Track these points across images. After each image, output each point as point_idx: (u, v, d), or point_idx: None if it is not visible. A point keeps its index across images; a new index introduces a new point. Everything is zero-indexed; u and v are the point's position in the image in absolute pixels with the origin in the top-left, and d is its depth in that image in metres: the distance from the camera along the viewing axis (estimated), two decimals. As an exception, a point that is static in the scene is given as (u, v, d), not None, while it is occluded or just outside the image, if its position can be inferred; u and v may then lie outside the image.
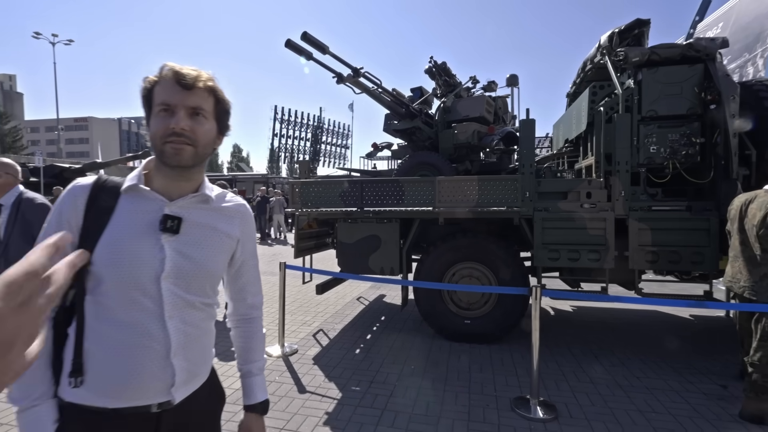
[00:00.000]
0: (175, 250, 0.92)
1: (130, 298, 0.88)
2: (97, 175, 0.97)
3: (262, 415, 1.13)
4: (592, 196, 3.69)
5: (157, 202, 0.93)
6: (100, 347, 0.88)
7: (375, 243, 4.15)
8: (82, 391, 0.87)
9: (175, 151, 0.89)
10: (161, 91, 0.89)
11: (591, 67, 4.66)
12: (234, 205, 1.07)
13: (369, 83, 4.27)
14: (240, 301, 1.15)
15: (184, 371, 0.94)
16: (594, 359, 3.67)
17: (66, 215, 0.91)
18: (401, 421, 2.67)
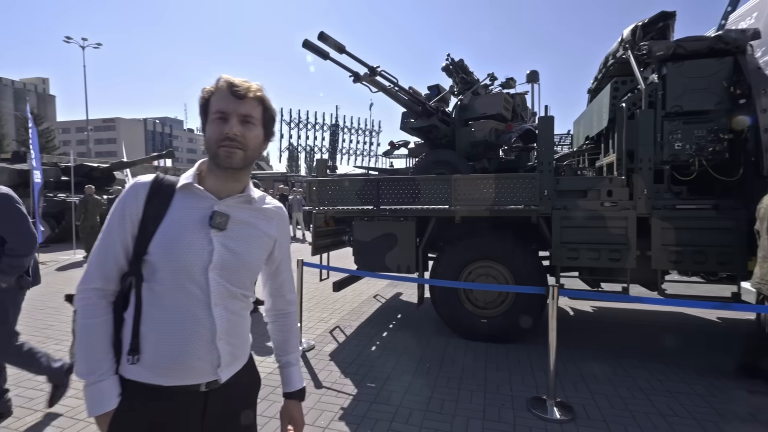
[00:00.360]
0: (221, 244, 1.01)
1: (181, 286, 0.97)
2: (155, 174, 1.06)
3: (300, 401, 1.21)
4: (613, 195, 3.61)
5: (208, 200, 1.03)
6: (154, 330, 0.97)
7: (391, 241, 4.17)
8: (139, 369, 0.97)
9: (228, 154, 0.98)
10: (217, 100, 0.99)
11: (613, 62, 4.55)
12: (273, 207, 1.16)
13: (385, 82, 4.28)
14: (278, 297, 1.23)
15: (228, 354, 1.03)
16: (614, 361, 3.59)
17: (128, 209, 1.00)
18: (416, 418, 2.69)
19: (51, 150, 39.60)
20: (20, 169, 12.71)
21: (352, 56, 3.91)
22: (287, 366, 1.22)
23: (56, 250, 10.52)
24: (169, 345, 0.96)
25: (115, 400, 0.97)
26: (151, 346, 0.96)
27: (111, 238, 1.01)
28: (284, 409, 1.20)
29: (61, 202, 11.88)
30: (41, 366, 2.60)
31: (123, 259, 1.01)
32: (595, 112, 4.59)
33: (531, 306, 3.90)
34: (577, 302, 5.46)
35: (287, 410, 1.20)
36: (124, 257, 1.00)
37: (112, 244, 1.00)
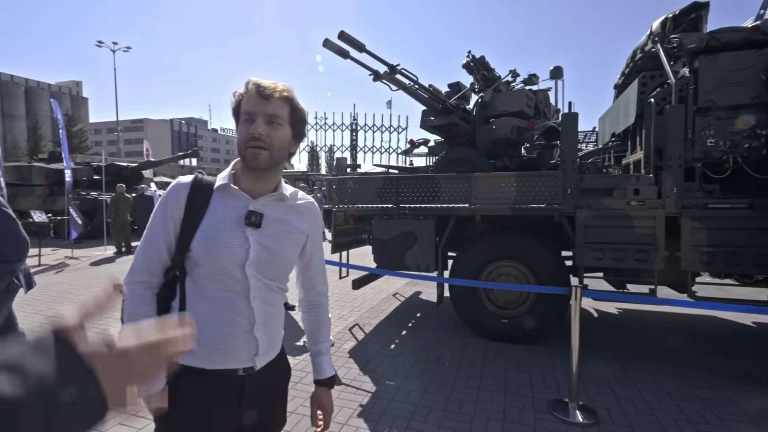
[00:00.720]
0: (257, 241, 1.07)
1: (221, 280, 1.04)
2: (195, 175, 1.12)
3: (329, 389, 1.27)
4: (641, 193, 3.50)
5: (243, 199, 1.08)
6: (201, 319, 1.02)
7: (411, 240, 4.16)
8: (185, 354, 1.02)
9: (254, 155, 1.02)
10: (246, 102, 1.04)
11: (641, 56, 4.39)
12: (305, 203, 1.20)
13: (405, 80, 4.27)
14: (310, 288, 1.28)
15: (265, 343, 1.10)
16: (640, 364, 3.49)
17: (170, 208, 1.07)
18: (434, 417, 2.68)
19: (84, 150, 41.27)
20: (56, 169, 13.33)
21: (372, 55, 3.92)
22: (318, 354, 1.27)
23: (89, 246, 10.96)
24: (212, 333, 1.03)
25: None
26: (198, 332, 1.01)
27: (155, 235, 1.08)
28: (314, 396, 1.26)
29: (93, 200, 12.36)
30: None
31: (166, 255, 1.08)
32: (621, 108, 4.45)
33: (553, 306, 3.82)
34: (602, 303, 5.32)
35: (317, 396, 1.25)
36: (167, 253, 1.08)
37: (156, 242, 1.08)
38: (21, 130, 58.56)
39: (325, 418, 1.25)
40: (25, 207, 12.83)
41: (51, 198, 13.22)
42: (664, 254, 3.39)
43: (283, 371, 1.23)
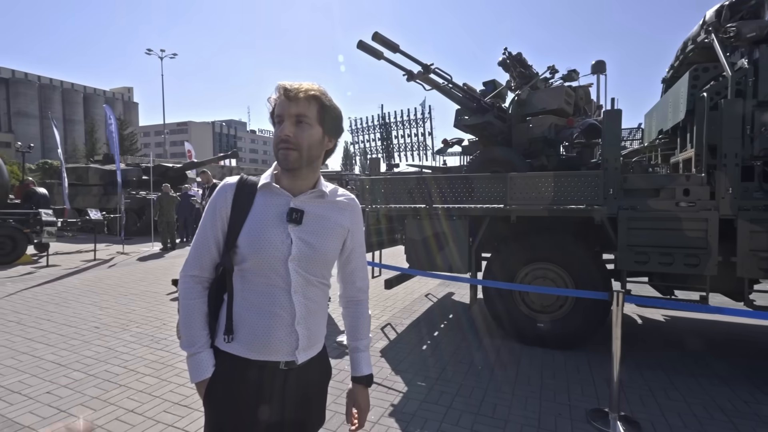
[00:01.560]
0: (298, 237, 1.10)
1: (265, 275, 1.08)
2: (240, 175, 1.17)
3: (367, 387, 1.27)
4: (691, 194, 3.28)
5: (284, 197, 1.12)
6: (246, 311, 1.09)
7: (443, 240, 4.12)
8: (232, 344, 1.10)
9: (284, 156, 1.07)
10: (277, 106, 1.08)
11: (693, 47, 4.12)
12: (345, 199, 1.22)
13: (439, 79, 4.23)
14: (350, 284, 1.29)
15: (305, 338, 1.12)
16: (689, 376, 3.28)
17: (218, 207, 1.13)
18: (466, 420, 2.64)
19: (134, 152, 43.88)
20: (109, 170, 14.28)
21: (406, 55, 3.91)
22: (356, 351, 1.28)
23: (137, 242, 11.64)
24: (256, 324, 1.08)
25: (210, 369, 1.11)
26: (243, 323, 1.09)
27: (205, 232, 1.14)
28: (351, 393, 1.26)
29: (142, 199, 13.13)
30: None
31: (215, 251, 1.14)
32: (670, 104, 4.19)
33: (593, 311, 3.67)
34: (647, 310, 5.04)
35: (353, 394, 1.26)
36: (216, 249, 1.14)
37: (206, 238, 1.14)
38: (79, 134, 63.15)
39: (360, 417, 1.25)
40: (83, 205, 13.84)
41: (105, 197, 14.17)
42: (718, 259, 3.17)
43: (324, 369, 1.25)
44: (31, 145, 11.84)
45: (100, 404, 2.78)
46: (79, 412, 2.66)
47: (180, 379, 3.17)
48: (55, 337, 4.05)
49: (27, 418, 2.59)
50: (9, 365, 3.38)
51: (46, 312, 4.85)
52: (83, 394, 2.91)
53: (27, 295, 5.62)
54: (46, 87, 69.12)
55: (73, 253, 9.72)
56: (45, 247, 8.64)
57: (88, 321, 4.55)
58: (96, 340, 3.96)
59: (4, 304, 5.18)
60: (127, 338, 4.03)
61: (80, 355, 3.61)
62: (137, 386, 3.04)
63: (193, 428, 2.50)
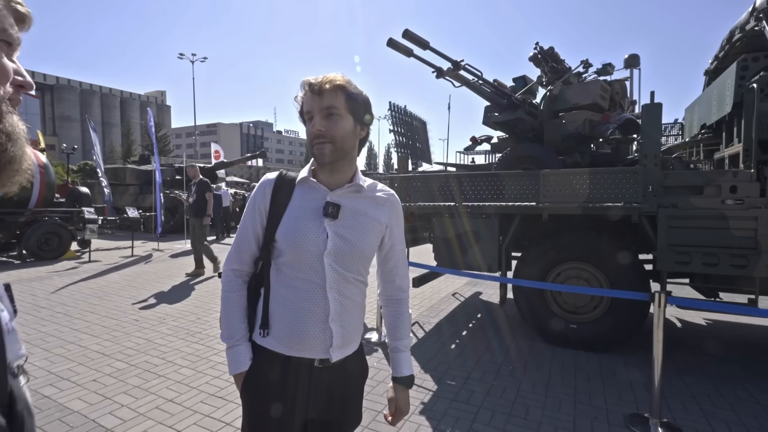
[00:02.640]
0: (334, 232, 1.09)
1: (301, 269, 1.08)
2: (279, 171, 1.18)
3: (407, 388, 1.24)
4: (739, 191, 3.11)
5: (321, 191, 1.12)
6: (281, 306, 1.10)
7: (473, 238, 4.07)
8: (267, 339, 1.11)
9: (319, 150, 1.06)
10: (304, 103, 1.07)
11: (740, 36, 3.90)
12: (384, 194, 1.19)
13: (469, 75, 4.18)
14: (389, 282, 1.27)
15: (340, 336, 1.10)
16: (736, 383, 3.11)
17: (258, 203, 1.14)
18: (498, 420, 2.60)
19: (167, 153, 45.59)
20: (145, 170, 14.88)
21: (436, 51, 3.88)
22: (396, 351, 1.25)
23: (171, 240, 12.08)
24: (291, 320, 1.08)
25: (247, 363, 1.12)
26: (278, 318, 1.10)
27: (245, 227, 1.16)
28: (390, 393, 1.25)
29: (175, 198, 13.60)
30: None
31: (255, 246, 1.15)
32: (715, 96, 3.98)
33: (630, 313, 3.54)
34: (687, 313, 4.82)
35: (394, 395, 1.24)
36: (255, 244, 1.15)
37: (246, 233, 1.15)
38: (116, 136, 66.15)
39: (396, 418, 1.23)
40: (121, 204, 14.47)
41: (141, 196, 14.78)
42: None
43: (361, 368, 1.22)
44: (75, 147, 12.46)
45: (142, 393, 2.90)
46: (123, 401, 2.79)
47: (215, 371, 3.27)
48: (99, 328, 4.25)
49: (76, 404, 2.73)
50: (58, 354, 3.58)
51: (90, 305, 5.11)
52: (126, 383, 3.05)
53: (72, 289, 5.94)
54: (87, 92, 72.72)
55: (112, 249, 10.19)
56: (87, 244, 9.09)
57: (128, 314, 4.76)
58: (136, 332, 4.14)
59: (52, 297, 5.49)
60: (165, 331, 4.19)
61: (122, 345, 3.78)
62: (175, 377, 3.16)
63: (228, 419, 2.57)
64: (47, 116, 66.93)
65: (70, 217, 8.94)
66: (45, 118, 66.08)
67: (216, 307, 5.03)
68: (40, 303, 5.15)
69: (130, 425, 2.50)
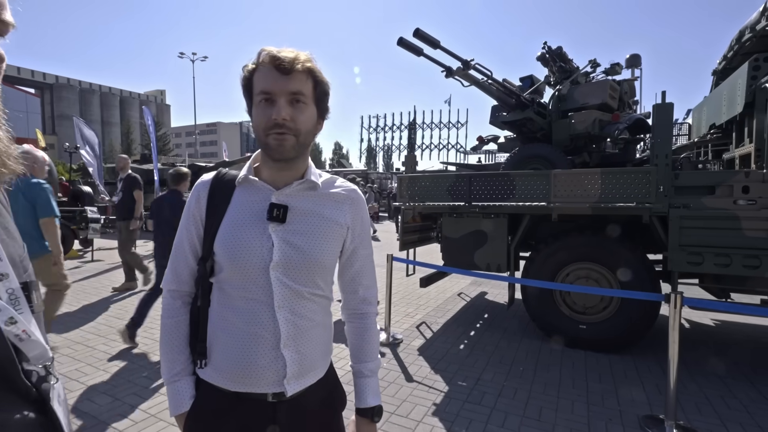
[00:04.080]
0: (282, 239, 0.91)
1: (243, 287, 0.90)
2: (217, 170, 1.00)
3: (373, 422, 1.03)
4: (751, 191, 3.10)
5: (265, 191, 0.94)
6: (222, 332, 0.92)
7: (481, 238, 4.06)
8: (209, 371, 0.94)
9: (278, 143, 0.87)
10: (260, 78, 0.86)
11: (751, 36, 3.89)
12: (343, 191, 1.01)
13: (479, 75, 4.16)
14: (351, 293, 1.08)
15: (296, 363, 0.92)
16: (749, 385, 3.10)
17: (192, 209, 0.97)
18: (512, 422, 2.59)
19: (167, 152, 45.56)
20: (146, 169, 14.86)
21: (446, 51, 3.86)
22: (359, 376, 1.05)
23: (173, 239, 12.06)
24: (234, 348, 0.90)
25: (188, 402, 0.95)
26: (219, 347, 0.92)
27: (180, 241, 0.99)
28: (351, 426, 1.05)
29: (177, 198, 13.59)
30: None
31: (192, 261, 0.98)
32: (725, 96, 3.97)
33: (640, 314, 3.52)
34: (695, 314, 4.81)
35: (355, 429, 1.03)
36: (193, 258, 0.98)
37: (181, 247, 0.98)
38: (116, 136, 66.10)
39: None
40: (122, 203, 14.42)
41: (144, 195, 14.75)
42: (782, 261, 2.97)
43: (330, 399, 1.02)
44: (77, 146, 12.32)
45: (152, 394, 2.88)
46: (134, 402, 2.77)
47: (224, 371, 3.25)
48: (105, 328, 4.23)
49: (86, 405, 2.71)
50: (66, 354, 3.56)
51: (95, 305, 5.09)
52: (135, 384, 3.02)
53: (76, 288, 5.91)
54: (86, 91, 72.62)
55: (115, 249, 10.16)
56: (89, 243, 9.07)
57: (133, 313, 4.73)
58: (142, 333, 4.11)
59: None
60: (171, 331, 4.17)
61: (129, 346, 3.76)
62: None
63: (241, 420, 2.55)
64: (46, 115, 66.85)
65: (73, 217, 8.91)
66: (45, 117, 66.00)
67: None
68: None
69: (142, 426, 2.48)
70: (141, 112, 10.87)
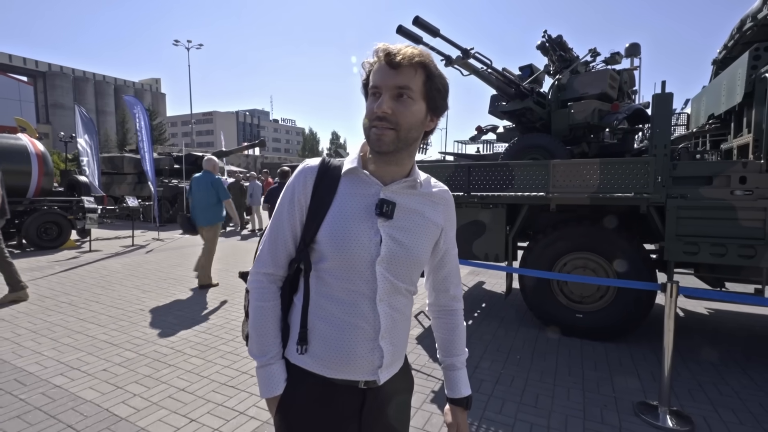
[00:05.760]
0: (389, 235, 0.93)
1: (347, 278, 0.92)
2: (322, 158, 1.01)
3: (466, 410, 1.10)
4: (748, 182, 3.11)
5: (374, 186, 0.95)
6: (321, 321, 0.94)
7: (479, 229, 4.07)
8: (305, 357, 0.96)
9: (377, 136, 0.88)
10: (374, 74, 0.89)
11: (752, 25, 3.86)
12: (439, 191, 1.04)
13: (478, 64, 4.13)
14: (442, 291, 1.12)
15: (390, 354, 0.97)
16: (741, 372, 3.15)
17: (297, 195, 0.97)
18: (509, 409, 2.63)
19: (163, 142, 45.17)
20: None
21: (446, 39, 3.83)
22: (452, 369, 1.11)
23: (171, 230, 12.03)
24: (334, 338, 0.93)
25: (282, 384, 0.98)
26: (318, 335, 0.95)
27: (281, 223, 0.98)
28: (448, 416, 1.11)
29: (174, 187, 13.52)
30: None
31: (291, 245, 0.98)
32: (724, 86, 3.96)
33: (636, 303, 3.56)
34: (689, 303, 4.87)
35: (453, 418, 1.10)
36: (292, 243, 0.98)
37: (282, 230, 0.98)
38: (111, 125, 65.46)
39: None
40: (119, 193, 14.38)
41: (139, 185, 14.67)
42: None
43: (407, 384, 1.09)
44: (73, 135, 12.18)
45: (153, 382, 2.91)
46: (135, 390, 2.80)
47: (225, 360, 3.28)
48: (105, 318, 4.25)
49: (88, 393, 2.74)
50: (67, 343, 3.57)
51: (94, 294, 5.10)
52: (136, 372, 3.05)
53: (75, 279, 5.92)
54: (80, 79, 71.67)
55: (112, 239, 10.14)
56: (87, 233, 9.04)
57: (133, 303, 4.75)
58: (142, 322, 4.14)
59: (55, 286, 5.47)
60: (171, 321, 4.19)
61: (129, 335, 3.78)
62: (185, 366, 3.17)
63: (242, 408, 2.59)
64: (40, 104, 66.01)
65: (70, 207, 8.87)
66: (38, 106, 65.18)
67: (222, 297, 5.03)
68: (44, 293, 5.13)
69: (144, 414, 2.51)
70: (124, 100, 10.12)
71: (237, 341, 3.67)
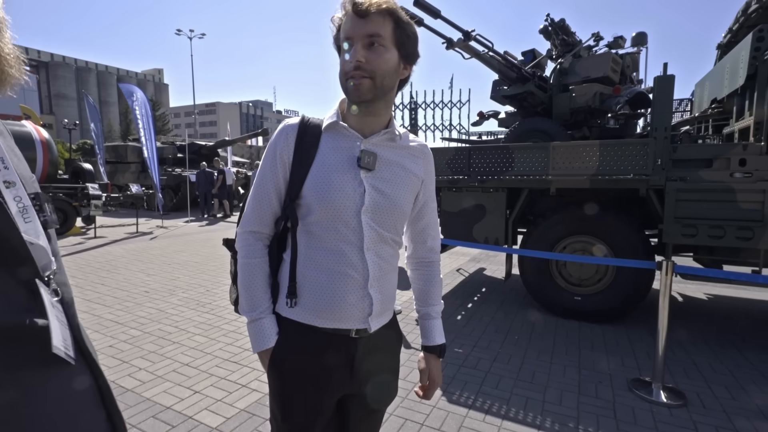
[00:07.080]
0: (371, 185, 0.96)
1: (335, 229, 0.94)
2: (301, 115, 1.02)
3: (439, 357, 1.14)
4: (748, 164, 3.12)
5: (354, 138, 0.97)
6: (311, 272, 0.96)
7: (480, 212, 4.10)
8: (296, 310, 0.98)
9: (355, 86, 0.89)
10: (344, 25, 0.90)
11: (757, 7, 3.83)
12: (418, 145, 1.07)
13: (479, 47, 4.11)
14: (420, 243, 1.14)
15: (379, 302, 0.99)
16: (736, 352, 3.19)
17: (280, 151, 0.98)
18: (505, 384, 2.69)
19: (166, 132, 45.19)
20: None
21: (447, 21, 3.81)
22: (427, 318, 1.14)
23: (175, 217, 12.13)
24: (324, 287, 0.95)
25: (274, 338, 0.99)
26: (308, 287, 0.97)
27: (264, 182, 1.00)
28: (422, 364, 1.14)
29: (178, 176, 13.59)
30: None
31: (276, 203, 1.00)
32: (727, 70, 3.94)
33: (634, 285, 3.59)
34: (689, 288, 4.90)
35: (426, 365, 1.13)
36: (277, 201, 1.00)
37: (266, 188, 1.00)
38: (114, 115, 65.50)
39: (430, 389, 1.12)
40: (123, 182, 14.45)
41: (143, 174, 14.73)
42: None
43: (396, 337, 1.12)
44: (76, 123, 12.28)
45: (158, 357, 2.98)
46: (140, 364, 2.87)
47: (228, 338, 3.35)
48: (110, 299, 4.33)
49: (95, 367, 2.81)
50: (73, 322, 3.65)
51: (100, 277, 5.18)
52: (141, 348, 3.13)
53: (80, 263, 6.01)
54: (83, 69, 71.58)
55: (116, 226, 10.25)
56: (92, 220, 9.14)
57: (137, 286, 4.83)
58: (147, 303, 4.22)
59: (61, 269, 5.56)
60: (175, 302, 4.27)
61: (134, 315, 3.86)
62: (189, 343, 3.24)
63: (244, 381, 2.65)
64: (43, 94, 66.07)
65: (75, 194, 8.95)
66: (41, 97, 65.25)
67: (226, 280, 5.10)
68: (51, 275, 5.21)
69: (149, 386, 2.58)
70: (119, 88, 10.16)
71: (240, 321, 3.74)
